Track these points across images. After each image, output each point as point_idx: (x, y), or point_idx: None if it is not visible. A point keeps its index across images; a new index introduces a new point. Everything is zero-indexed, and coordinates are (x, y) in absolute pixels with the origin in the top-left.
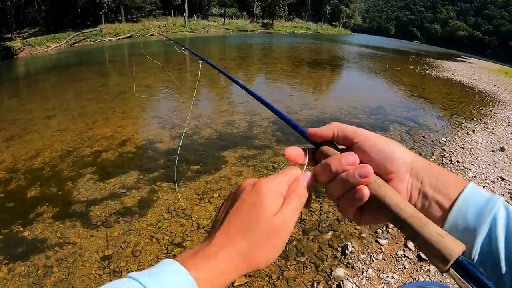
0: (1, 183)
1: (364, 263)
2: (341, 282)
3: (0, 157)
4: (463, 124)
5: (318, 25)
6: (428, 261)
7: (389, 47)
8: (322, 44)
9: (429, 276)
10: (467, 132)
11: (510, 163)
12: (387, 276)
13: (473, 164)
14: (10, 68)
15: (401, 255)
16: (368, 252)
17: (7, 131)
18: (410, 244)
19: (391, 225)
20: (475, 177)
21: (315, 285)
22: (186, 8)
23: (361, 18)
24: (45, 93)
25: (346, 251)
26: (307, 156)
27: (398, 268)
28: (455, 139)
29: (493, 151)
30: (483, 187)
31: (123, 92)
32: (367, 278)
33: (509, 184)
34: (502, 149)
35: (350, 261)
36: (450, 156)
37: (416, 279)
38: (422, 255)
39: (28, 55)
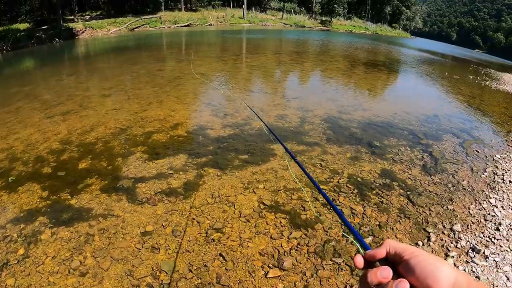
0: (54, 152)
1: None
2: None
3: (56, 129)
4: None
5: (377, 25)
6: None
7: (449, 53)
8: (380, 46)
9: None
10: None
11: None
12: None
13: None
14: (71, 48)
15: None
16: None
17: (65, 105)
18: (450, 260)
19: (433, 238)
20: None
21: None
22: (245, 0)
23: (422, 21)
24: (102, 73)
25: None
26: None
27: None
28: (510, 157)
29: None
30: None
31: (178, 77)
32: None
33: None
34: None
35: None
36: (503, 175)
37: None
38: None
39: (88, 37)
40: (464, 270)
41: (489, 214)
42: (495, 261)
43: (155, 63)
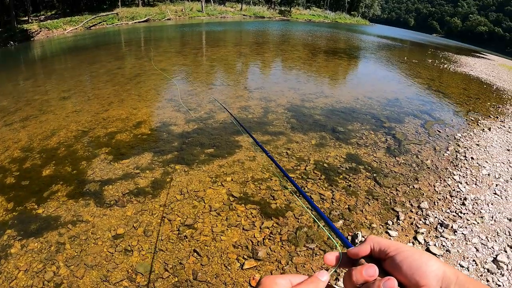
0: (16, 161)
1: None
2: None
3: (16, 137)
4: (479, 121)
5: (336, 14)
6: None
7: (407, 39)
8: (339, 33)
9: None
10: (483, 129)
11: None
12: None
13: (487, 162)
14: (26, 50)
15: None
16: None
17: (23, 111)
18: (420, 237)
19: (402, 217)
20: (488, 174)
21: None
22: None
23: (380, 8)
24: (61, 75)
25: (356, 240)
26: (340, 260)
27: None
28: (471, 135)
29: (508, 150)
30: (496, 185)
31: (138, 75)
32: None
33: None
34: None
35: None
36: (465, 152)
37: None
38: (432, 249)
39: (44, 38)
40: (435, 245)
41: (454, 190)
42: (464, 234)
43: (114, 61)
